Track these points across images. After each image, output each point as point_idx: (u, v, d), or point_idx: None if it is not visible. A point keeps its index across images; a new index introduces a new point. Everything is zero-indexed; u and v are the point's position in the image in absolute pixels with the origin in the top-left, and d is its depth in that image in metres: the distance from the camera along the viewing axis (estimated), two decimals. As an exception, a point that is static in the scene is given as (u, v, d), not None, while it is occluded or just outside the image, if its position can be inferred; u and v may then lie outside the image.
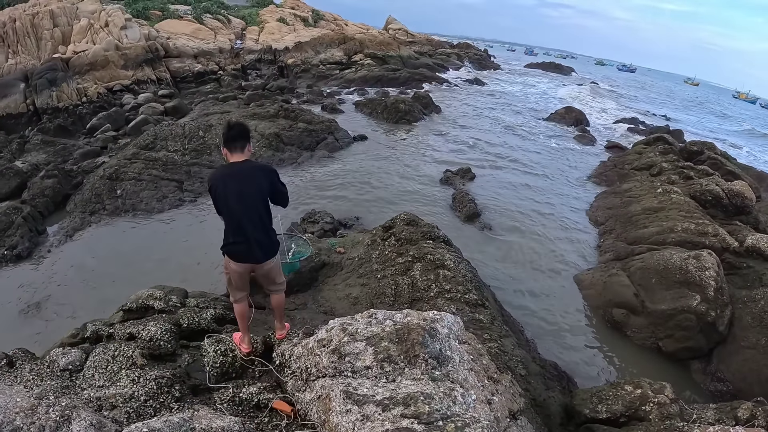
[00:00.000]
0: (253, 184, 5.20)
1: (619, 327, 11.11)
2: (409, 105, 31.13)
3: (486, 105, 40.19)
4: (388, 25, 76.30)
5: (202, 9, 57.04)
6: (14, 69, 35.21)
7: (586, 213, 17.93)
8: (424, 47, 71.19)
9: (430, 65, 54.74)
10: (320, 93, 39.69)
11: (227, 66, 46.70)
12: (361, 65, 49.83)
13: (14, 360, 5.90)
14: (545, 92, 56.35)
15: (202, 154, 19.89)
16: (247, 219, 5.21)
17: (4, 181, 18.26)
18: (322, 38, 54.77)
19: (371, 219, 15.54)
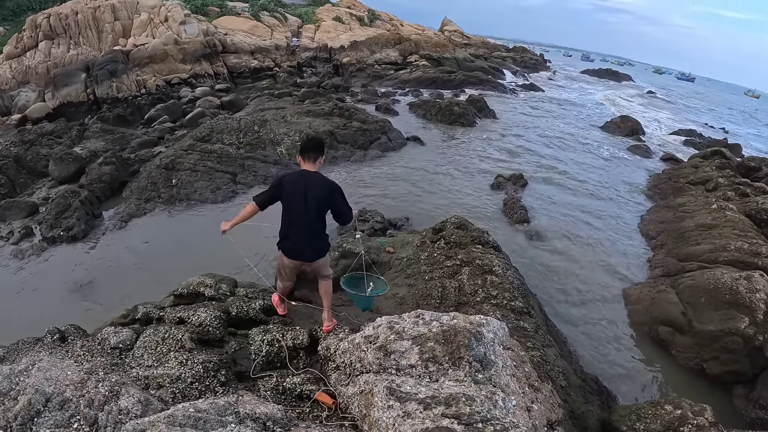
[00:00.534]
0: (317, 194, 5.68)
1: (664, 345, 10.78)
2: (464, 108, 30.94)
3: (540, 111, 39.62)
4: (443, 26, 75.96)
5: (259, 6, 57.74)
6: (76, 59, 36.27)
7: (638, 226, 17.47)
8: (480, 50, 70.56)
9: (485, 68, 54.27)
10: (375, 93, 39.78)
11: (283, 63, 47.16)
12: (416, 66, 49.73)
13: (66, 335, 6.08)
14: (601, 100, 55.13)
15: (257, 149, 20.13)
16: (304, 223, 5.79)
17: (63, 165, 18.89)
18: (378, 38, 54.86)
19: (421, 220, 15.50)
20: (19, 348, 5.88)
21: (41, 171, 19.77)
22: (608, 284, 13.29)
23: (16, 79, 35.41)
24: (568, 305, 12.02)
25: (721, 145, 30.69)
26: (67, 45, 38.40)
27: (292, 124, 22.38)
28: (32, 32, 38.21)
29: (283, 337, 5.97)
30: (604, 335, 11.12)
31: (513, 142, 27.71)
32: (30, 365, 4.75)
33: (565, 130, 33.57)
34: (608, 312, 12.01)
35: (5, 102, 33.24)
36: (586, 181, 22.06)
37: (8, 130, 27.17)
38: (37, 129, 24.32)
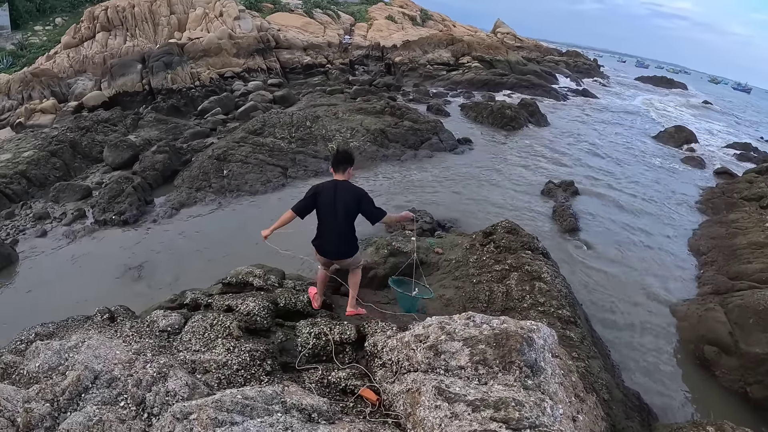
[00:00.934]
0: (346, 201, 6.48)
1: (708, 365, 10.31)
2: (515, 112, 30.43)
3: (593, 117, 38.80)
4: (496, 28, 75.45)
5: (312, 3, 58.44)
6: (132, 51, 37.26)
7: (688, 241, 16.82)
8: (532, 53, 69.65)
9: (537, 72, 53.49)
10: (426, 93, 39.55)
11: (335, 60, 47.43)
12: (468, 68, 49.33)
13: (116, 315, 6.18)
14: (655, 108, 53.73)
15: (308, 144, 20.25)
16: (335, 227, 6.63)
17: (117, 152, 19.35)
18: (430, 38, 54.73)
19: (469, 222, 15.33)
20: (68, 325, 5.97)
21: (96, 156, 20.30)
22: (655, 298, 12.88)
23: (74, 67, 36.47)
24: (613, 317, 11.69)
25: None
26: (124, 37, 39.45)
27: (344, 120, 22.41)
28: (90, 23, 39.40)
29: (331, 331, 5.97)
30: (648, 350, 10.78)
31: (564, 148, 27.20)
32: (80, 342, 4.81)
33: (617, 138, 32.86)
34: (654, 327, 11.64)
35: (62, 89, 34.25)
36: (637, 191, 21.51)
37: (65, 117, 27.97)
38: (92, 116, 24.87)
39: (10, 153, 19.22)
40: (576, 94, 50.74)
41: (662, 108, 55.65)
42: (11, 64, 42.55)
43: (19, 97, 32.66)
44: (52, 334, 5.75)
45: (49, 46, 43.43)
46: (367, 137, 21.27)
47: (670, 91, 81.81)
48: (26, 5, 50.48)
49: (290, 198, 16.39)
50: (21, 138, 22.68)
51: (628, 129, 37.06)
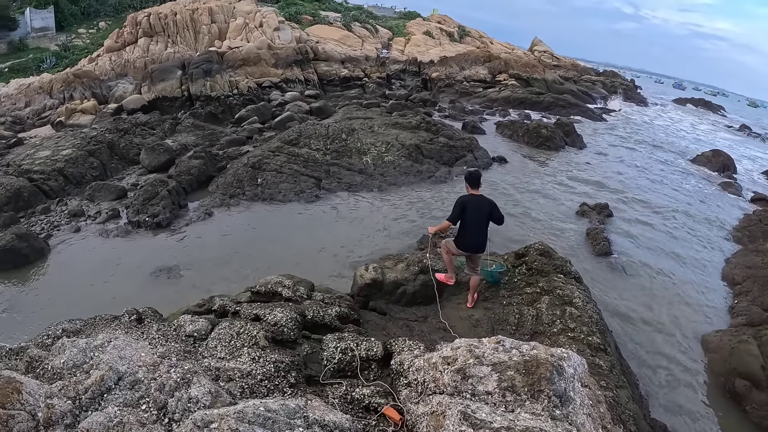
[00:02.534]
0: (484, 209, 8.65)
1: (738, 399, 10.00)
2: (551, 131, 30.16)
3: (629, 139, 38.22)
4: (533, 46, 75.13)
5: (351, 17, 58.90)
6: (172, 57, 37.91)
7: (723, 269, 16.42)
8: (569, 72, 69.02)
9: (574, 92, 53.07)
10: (462, 109, 39.54)
11: (372, 74, 47.65)
12: (504, 85, 49.15)
13: (143, 317, 6.19)
14: (692, 131, 52.63)
15: (343, 156, 20.27)
16: (477, 228, 8.66)
17: (154, 155, 19.67)
18: (468, 55, 54.72)
19: (501, 242, 15.11)
20: (95, 323, 5.99)
21: (132, 158, 20.62)
22: (686, 328, 12.56)
23: (115, 71, 37.26)
24: (642, 345, 11.43)
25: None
26: (165, 43, 40.22)
27: (379, 134, 22.40)
28: (132, 29, 40.31)
29: (357, 347, 5.97)
30: (677, 381, 10.51)
31: (599, 170, 26.84)
32: (106, 342, 4.81)
33: (653, 161, 32.36)
34: (683, 357, 11.35)
35: (103, 91, 35.02)
36: (672, 216, 21.10)
37: (104, 118, 28.43)
38: (131, 119, 25.32)
39: (49, 150, 19.56)
40: (613, 115, 50.22)
41: (699, 131, 54.82)
42: (54, 64, 43.63)
43: (61, 96, 33.54)
44: (79, 331, 5.77)
45: (91, 49, 44.52)
46: (402, 152, 21.21)
47: (708, 114, 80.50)
48: (71, 8, 51.86)
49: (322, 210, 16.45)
50: (60, 136, 23.08)
51: (665, 152, 36.50)
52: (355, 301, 9.01)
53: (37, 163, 18.23)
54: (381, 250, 12.88)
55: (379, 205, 17.31)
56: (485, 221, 8.66)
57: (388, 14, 78.68)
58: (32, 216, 15.59)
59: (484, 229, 8.70)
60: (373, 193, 18.45)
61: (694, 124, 60.13)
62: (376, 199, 17.99)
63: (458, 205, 8.51)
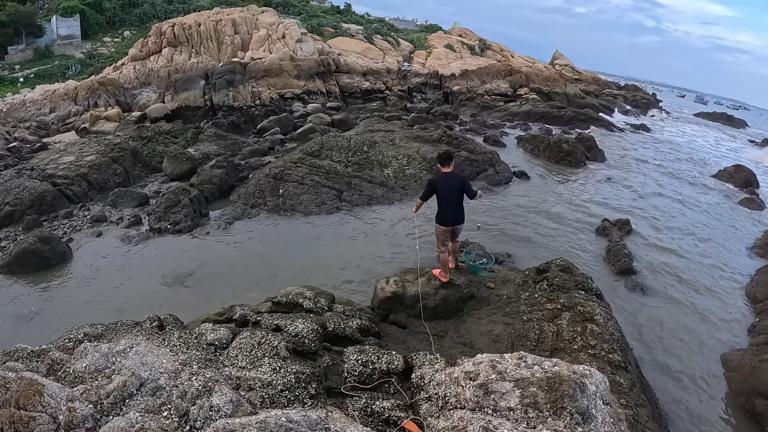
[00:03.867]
0: (456, 185, 9.34)
1: (759, 420, 9.78)
2: (572, 146, 29.90)
3: (651, 155, 37.84)
4: (554, 60, 75.01)
5: (372, 30, 59.37)
6: (196, 67, 38.41)
7: (745, 287, 16.12)
8: (590, 86, 68.60)
9: (595, 106, 52.77)
10: (483, 123, 39.44)
11: (394, 86, 47.83)
12: (525, 99, 49.03)
13: (165, 324, 6.21)
14: (714, 146, 51.97)
15: (364, 168, 20.28)
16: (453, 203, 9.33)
17: (177, 164, 19.87)
18: (489, 68, 54.82)
19: (521, 257, 15.05)
20: (117, 328, 6.03)
21: (155, 166, 20.87)
22: (706, 346, 12.37)
23: (139, 79, 37.75)
24: (662, 363, 11.28)
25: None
26: (189, 53, 40.74)
27: (401, 147, 22.41)
28: (157, 38, 40.95)
29: (378, 360, 5.96)
30: (696, 400, 10.34)
31: (620, 185, 26.61)
32: (128, 347, 4.83)
33: (674, 176, 32.02)
34: (703, 376, 11.17)
35: (127, 99, 35.49)
36: (693, 233, 20.83)
37: (128, 125, 28.85)
38: (154, 127, 25.54)
39: (73, 156, 19.85)
40: (634, 129, 49.84)
41: (721, 146, 54.31)
42: (79, 71, 44.46)
43: (86, 103, 34.05)
44: (100, 335, 5.81)
45: (116, 57, 45.26)
46: (423, 165, 21.18)
47: (730, 128, 79.58)
48: (97, 17, 52.76)
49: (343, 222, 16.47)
50: (84, 142, 23.44)
51: (687, 167, 36.17)
52: (376, 314, 9.00)
53: (60, 168, 18.54)
54: (401, 264, 12.84)
55: (399, 219, 17.26)
56: (458, 195, 9.37)
57: (409, 27, 79.12)
58: (55, 220, 15.81)
59: (459, 201, 9.43)
60: (394, 206, 18.43)
61: (717, 139, 59.58)
62: (398, 212, 17.95)
63: (429, 184, 9.46)
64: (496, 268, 13.40)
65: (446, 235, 9.66)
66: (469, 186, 9.55)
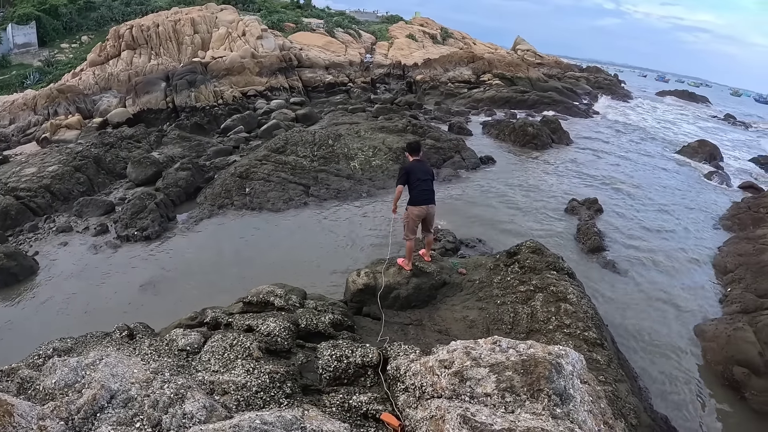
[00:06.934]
0: (429, 170, 9.98)
1: (737, 387, 10.06)
2: (537, 129, 30.15)
3: (614, 133, 38.36)
4: (516, 45, 75.51)
5: (333, 23, 59.24)
6: (156, 69, 37.80)
7: (714, 258, 16.55)
8: (553, 70, 69.30)
9: (558, 89, 53.11)
10: (448, 111, 39.60)
11: (357, 79, 47.72)
12: (489, 85, 49.22)
13: (135, 333, 6.12)
14: (676, 122, 53.19)
15: (330, 162, 20.23)
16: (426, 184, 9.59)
17: (141, 168, 19.60)
18: (451, 56, 54.91)
19: (493, 242, 15.15)
20: (87, 340, 5.94)
21: (119, 172, 20.55)
22: (680, 318, 12.65)
23: (99, 85, 37.03)
24: (638, 338, 11.47)
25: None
26: (148, 55, 40.10)
27: (366, 139, 22.39)
28: (115, 42, 40.17)
29: (353, 354, 5.89)
30: (675, 372, 10.55)
31: (587, 165, 26.94)
32: (97, 359, 4.76)
33: (640, 154, 32.50)
34: (680, 348, 11.40)
35: (88, 106, 34.86)
36: (661, 208, 21.21)
37: (89, 132, 28.35)
38: (117, 132, 25.26)
39: (35, 167, 19.47)
40: (598, 109, 50.41)
41: (684, 122, 55.18)
42: (38, 80, 43.62)
43: (45, 112, 33.36)
44: (70, 349, 5.71)
45: (75, 63, 44.38)
46: (390, 156, 21.20)
47: (693, 105, 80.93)
48: (53, 23, 51.74)
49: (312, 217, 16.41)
50: (46, 153, 22.95)
51: (651, 144, 36.77)
52: (349, 308, 8.97)
53: (23, 181, 18.15)
54: (372, 255, 12.81)
55: (368, 210, 17.28)
56: (430, 179, 9.81)
57: (370, 19, 79.09)
58: (20, 234, 15.51)
59: (430, 184, 9.77)
60: (362, 198, 18.43)
61: (679, 116, 60.64)
62: (366, 203, 17.97)
63: (402, 171, 9.76)
64: (468, 254, 13.50)
65: (419, 220, 9.77)
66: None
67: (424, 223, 10.00)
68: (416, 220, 9.74)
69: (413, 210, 9.63)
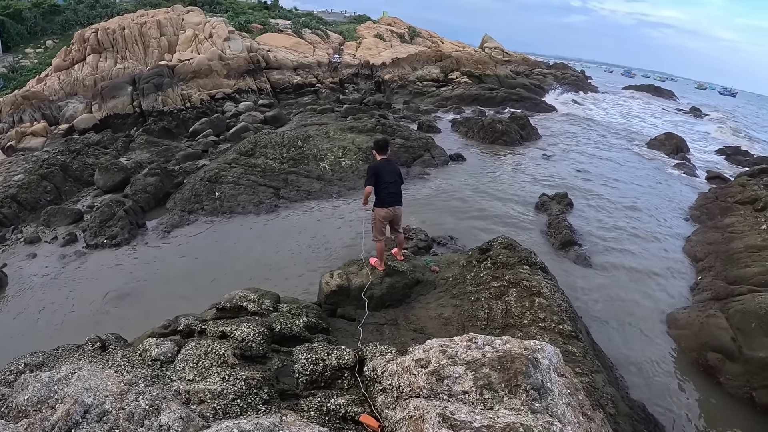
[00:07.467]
0: (396, 170, 9.88)
1: (712, 372, 10.25)
2: (506, 126, 30.40)
3: (583, 128, 38.81)
4: (483, 43, 76.06)
5: (301, 24, 59.04)
6: (122, 73, 37.30)
7: (684, 247, 16.84)
8: (520, 67, 70.11)
9: (526, 86, 53.64)
10: (417, 109, 39.74)
11: (325, 79, 47.68)
12: (457, 83, 49.48)
13: (107, 344, 6.03)
14: (643, 117, 54.27)
15: (300, 164, 20.15)
16: (395, 186, 9.65)
17: (109, 175, 19.29)
18: (419, 55, 55.03)
19: (465, 239, 15.22)
20: (59, 354, 5.85)
21: (87, 180, 20.25)
22: (653, 307, 12.82)
23: (64, 90, 36.44)
24: (611, 329, 11.60)
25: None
26: (114, 59, 39.52)
27: (335, 139, 22.34)
28: (80, 46, 39.52)
29: (328, 356, 5.86)
30: (650, 360, 10.68)
31: (556, 160, 27.29)
32: (70, 373, 4.69)
33: (608, 148, 32.97)
34: (654, 336, 11.56)
35: (53, 112, 34.21)
36: (631, 200, 21.48)
37: (55, 140, 27.95)
38: (83, 139, 24.91)
39: (1, 176, 19.17)
40: (565, 105, 50.89)
41: (651, 116, 56.03)
42: (2, 87, 42.63)
43: (10, 120, 32.64)
44: (42, 364, 5.62)
45: (39, 69, 43.44)
46: (359, 156, 21.19)
47: (658, 99, 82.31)
48: (17, 28, 50.56)
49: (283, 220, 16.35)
50: (12, 161, 22.54)
51: (619, 139, 37.23)
52: (323, 310, 8.93)
53: (-12, 191, 17.77)
54: (345, 256, 12.78)
55: (340, 211, 17.24)
56: (397, 179, 9.82)
57: (338, 19, 79.03)
58: (-13, 246, 15.18)
59: (398, 185, 9.82)
60: (333, 199, 18.38)
61: (646, 110, 61.56)
62: (337, 204, 17.91)
63: (370, 170, 9.51)
64: (440, 251, 13.56)
65: (386, 222, 9.80)
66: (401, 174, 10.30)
67: (392, 223, 10.01)
68: (383, 222, 9.75)
69: (380, 212, 9.66)
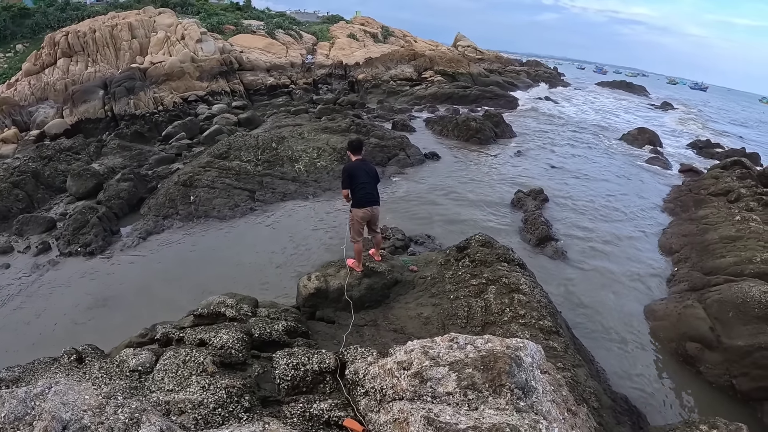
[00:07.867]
0: (372, 170, 9.76)
1: (692, 362, 10.43)
2: (480, 123, 30.57)
3: (556, 125, 39.20)
4: (457, 42, 76.35)
5: (274, 24, 58.67)
6: (93, 76, 36.85)
7: (659, 240, 17.11)
8: (494, 65, 70.64)
9: (500, 83, 54.07)
10: (391, 109, 39.82)
11: (299, 80, 47.51)
12: (431, 82, 49.66)
13: (84, 355, 5.90)
14: (616, 112, 55.16)
15: (275, 165, 20.06)
16: (371, 186, 9.51)
17: (81, 181, 19.00)
18: (393, 54, 55.09)
19: (442, 237, 15.26)
20: (35, 368, 5.72)
21: (59, 187, 19.91)
22: (631, 300, 12.99)
23: (35, 95, 35.95)
24: (592, 323, 11.73)
25: (740, 154, 29.80)
26: (85, 62, 39.04)
27: (310, 140, 22.27)
28: (51, 50, 38.93)
29: (309, 361, 5.77)
30: (630, 352, 10.85)
31: (530, 156, 27.61)
32: (46, 388, 4.58)
33: (582, 143, 33.36)
34: (633, 328, 11.73)
35: (24, 118, 33.78)
36: (605, 195, 21.83)
37: (26, 146, 27.55)
38: (55, 145, 24.46)
39: (-29, 186, 18.72)
40: (539, 102, 51.30)
41: (623, 111, 56.65)
42: (-28, 93, 41.71)
43: (-19, 127, 32.04)
44: (18, 378, 5.50)
45: (9, 74, 42.66)
46: (334, 156, 21.15)
47: (630, 95, 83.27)
48: (-14, 32, 49.70)
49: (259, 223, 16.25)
50: (-19, 170, 22.12)
51: (591, 133, 37.67)
52: (302, 313, 8.86)
53: (-41, 201, 17.41)
54: (322, 258, 12.76)
55: (315, 213, 17.20)
56: (373, 179, 9.68)
57: (311, 19, 78.72)
58: (-41, 257, 14.87)
59: (374, 185, 9.70)
60: (308, 201, 18.33)
61: (618, 105, 62.27)
62: (313, 206, 17.86)
63: (345, 172, 9.48)
64: (418, 250, 13.57)
65: (363, 223, 9.67)
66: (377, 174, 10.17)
67: (369, 223, 9.89)
68: (361, 222, 9.62)
69: (357, 212, 9.50)
